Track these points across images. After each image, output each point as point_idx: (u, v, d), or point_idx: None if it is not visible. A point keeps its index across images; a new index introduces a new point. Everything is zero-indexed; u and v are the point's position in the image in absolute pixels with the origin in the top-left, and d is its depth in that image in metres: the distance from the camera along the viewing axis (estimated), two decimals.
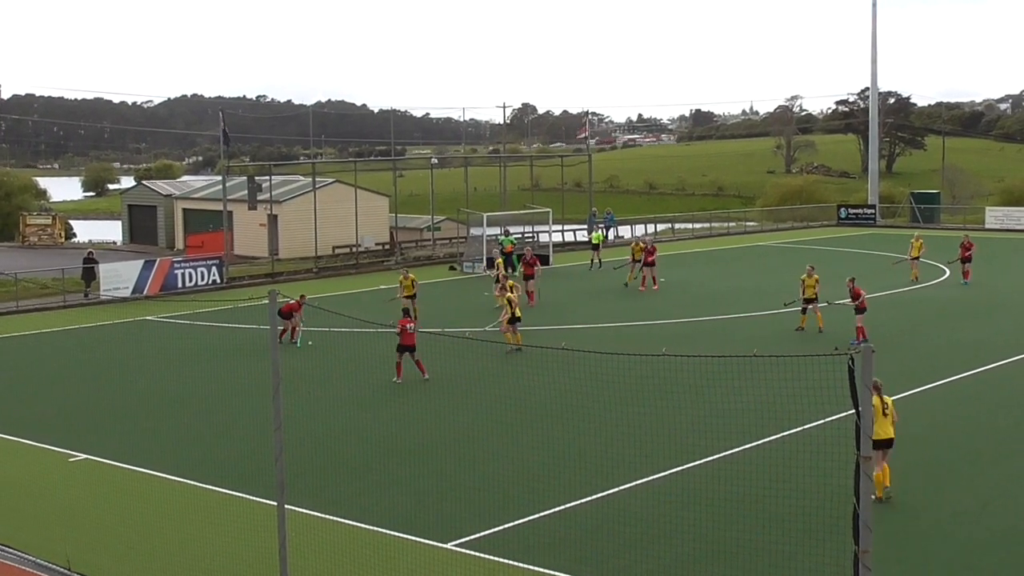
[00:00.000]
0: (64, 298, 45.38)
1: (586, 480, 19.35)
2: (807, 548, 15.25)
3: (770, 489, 17.77)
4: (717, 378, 22.02)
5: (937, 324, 36.09)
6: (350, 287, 48.58)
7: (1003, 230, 73.08)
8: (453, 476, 20.11)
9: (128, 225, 78.41)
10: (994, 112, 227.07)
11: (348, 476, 20.21)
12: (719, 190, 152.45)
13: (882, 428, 17.77)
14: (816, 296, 34.16)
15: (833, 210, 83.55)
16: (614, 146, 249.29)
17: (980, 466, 20.60)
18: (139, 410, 26.26)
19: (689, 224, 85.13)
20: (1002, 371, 28.53)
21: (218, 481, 20.10)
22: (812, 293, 34.22)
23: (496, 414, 24.18)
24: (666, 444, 20.22)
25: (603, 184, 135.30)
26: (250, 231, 62.46)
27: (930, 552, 16.24)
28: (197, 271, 48.62)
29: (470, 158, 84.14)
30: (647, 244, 46.69)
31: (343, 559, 15.89)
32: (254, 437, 22.03)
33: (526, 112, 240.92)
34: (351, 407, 25.56)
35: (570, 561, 15.76)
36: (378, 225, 63.39)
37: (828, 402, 16.78)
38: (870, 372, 9.87)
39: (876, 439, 16.52)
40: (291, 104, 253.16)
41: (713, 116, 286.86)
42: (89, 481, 20.77)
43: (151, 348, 34.57)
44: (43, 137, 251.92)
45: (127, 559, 16.56)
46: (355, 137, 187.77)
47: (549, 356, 25.52)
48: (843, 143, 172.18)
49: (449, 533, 16.98)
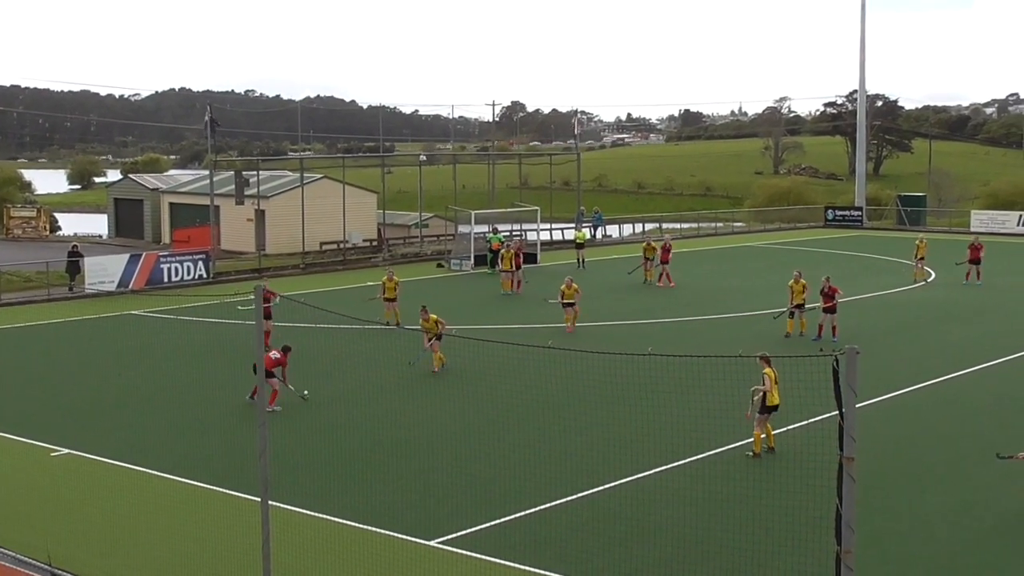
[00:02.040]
0: (48, 291, 45.19)
1: (570, 479, 19.37)
2: (789, 548, 15.28)
3: (753, 489, 17.84)
4: (702, 378, 22.02)
5: (923, 326, 36.20)
6: (337, 283, 48.49)
7: (988, 233, 73.20)
8: (438, 474, 20.10)
9: (114, 219, 78.06)
10: (980, 116, 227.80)
11: (333, 473, 20.16)
12: (707, 190, 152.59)
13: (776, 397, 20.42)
14: (804, 302, 33.96)
15: (820, 212, 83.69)
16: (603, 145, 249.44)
17: (964, 467, 20.67)
18: (123, 405, 26.19)
19: (677, 224, 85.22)
20: (987, 373, 28.64)
21: (202, 477, 20.05)
22: (800, 299, 34.09)
23: (480, 412, 24.20)
24: (650, 443, 20.23)
25: (592, 183, 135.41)
26: (237, 226, 62.27)
27: (913, 553, 16.29)
28: (183, 266, 48.49)
29: (459, 155, 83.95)
30: (665, 242, 47.71)
31: (327, 556, 15.87)
32: (238, 433, 21.98)
33: (515, 110, 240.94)
34: (336, 404, 25.53)
35: (554, 560, 15.77)
36: (366, 222, 63.31)
37: (812, 403, 16.86)
38: (855, 373, 9.89)
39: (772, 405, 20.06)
40: (280, 99, 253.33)
41: (702, 116, 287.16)
42: (71, 476, 20.69)
43: (136, 342, 34.44)
44: (28, 129, 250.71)
45: (109, 554, 16.51)
46: (344, 133, 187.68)
47: (534, 355, 25.50)
48: (831, 145, 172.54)
49: (433, 530, 16.97)
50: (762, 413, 20.46)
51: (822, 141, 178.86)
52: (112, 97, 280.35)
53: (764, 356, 20.52)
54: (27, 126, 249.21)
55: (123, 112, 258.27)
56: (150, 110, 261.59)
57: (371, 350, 27.84)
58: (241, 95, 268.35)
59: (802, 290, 33.88)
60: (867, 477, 17.26)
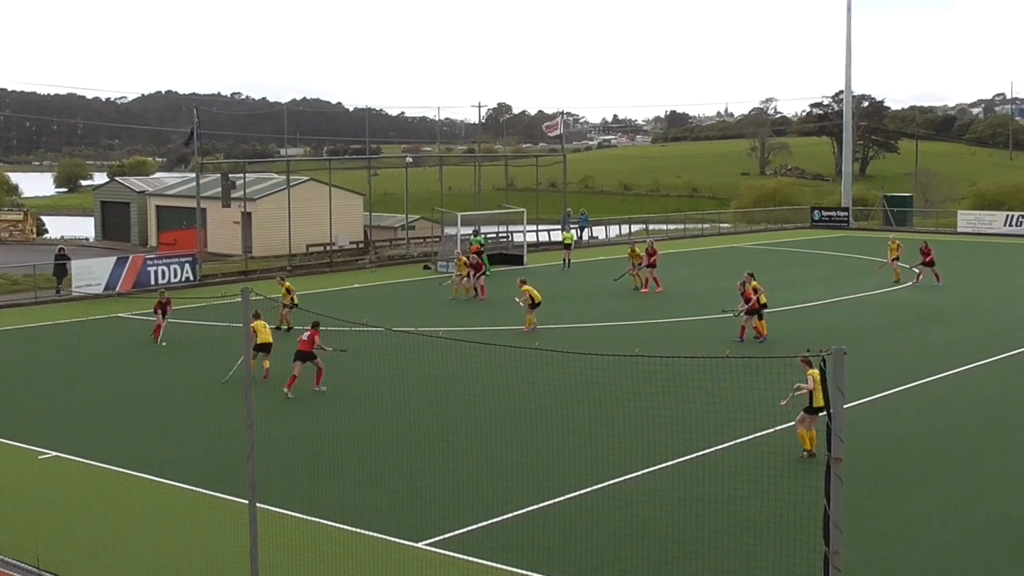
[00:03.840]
0: (35, 294, 45.05)
1: (558, 480, 19.38)
2: (778, 549, 15.32)
3: (741, 490, 17.86)
4: (690, 379, 22.04)
5: (908, 327, 36.26)
6: (324, 286, 48.45)
7: (974, 233, 73.59)
8: (425, 476, 20.11)
9: (100, 222, 77.82)
10: (966, 116, 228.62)
11: (320, 475, 20.15)
12: (694, 191, 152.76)
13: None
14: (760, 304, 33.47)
15: (807, 212, 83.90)
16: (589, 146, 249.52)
17: (950, 469, 20.74)
18: (110, 407, 26.13)
19: (663, 225, 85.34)
20: (972, 374, 28.75)
21: (189, 479, 20.02)
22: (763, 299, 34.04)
23: (468, 414, 24.19)
24: (638, 445, 20.27)
25: (578, 184, 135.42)
26: (224, 229, 62.19)
27: (900, 554, 16.34)
28: (170, 268, 48.41)
29: (445, 157, 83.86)
30: (648, 244, 45.98)
31: (315, 558, 15.85)
32: (225, 435, 21.94)
33: (501, 112, 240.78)
34: (323, 406, 25.51)
35: (542, 561, 15.78)
36: (352, 224, 63.27)
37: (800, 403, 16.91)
38: (842, 375, 9.91)
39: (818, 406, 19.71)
40: (266, 101, 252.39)
41: (688, 117, 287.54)
42: (59, 479, 20.65)
43: (123, 345, 34.37)
44: (15, 132, 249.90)
45: (97, 557, 16.47)
46: (330, 135, 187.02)
47: (521, 356, 25.50)
48: (817, 146, 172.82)
49: (421, 532, 16.97)
50: (809, 413, 20.54)
51: (808, 142, 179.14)
52: (99, 100, 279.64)
53: (805, 358, 20.40)
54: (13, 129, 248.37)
55: (110, 115, 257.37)
56: (137, 113, 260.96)
57: (358, 351, 27.80)
58: (227, 97, 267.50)
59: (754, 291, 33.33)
60: (854, 478, 17.36)
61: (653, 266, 44.82)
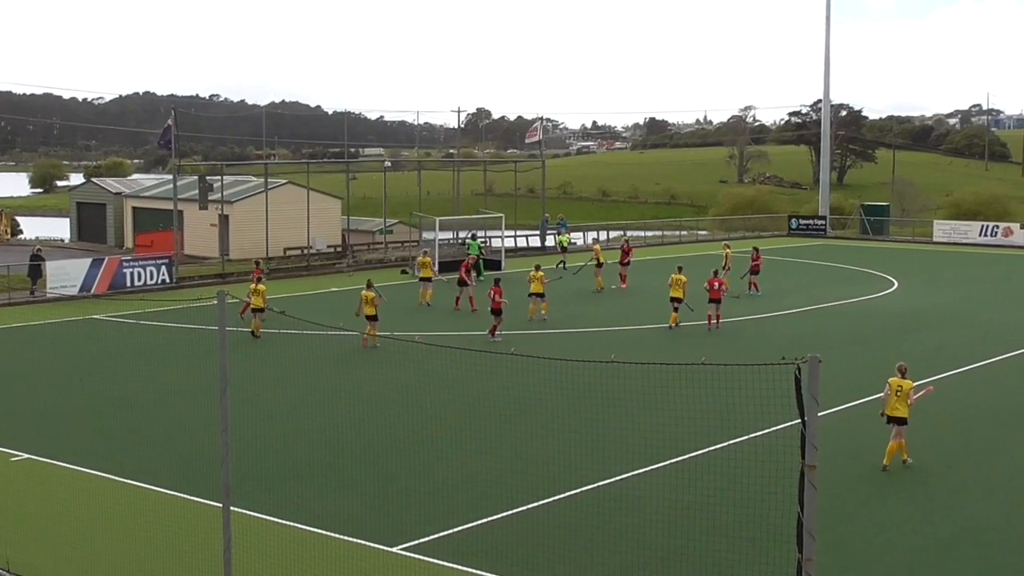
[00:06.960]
0: (9, 295, 44.77)
1: (534, 486, 19.37)
2: (752, 556, 15.36)
3: (716, 497, 17.89)
4: (665, 385, 22.06)
5: (883, 335, 36.40)
6: (301, 289, 48.33)
7: (950, 243, 74.04)
8: (401, 480, 20.07)
9: (76, 223, 77.49)
10: (943, 127, 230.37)
11: (295, 479, 20.09)
12: (672, 198, 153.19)
13: (895, 407, 20.86)
14: (683, 296, 36.35)
15: (784, 220, 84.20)
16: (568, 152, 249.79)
17: (923, 476, 20.82)
18: (84, 410, 25.98)
19: (641, 232, 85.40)
20: (947, 383, 28.83)
21: (163, 482, 19.92)
22: (679, 292, 36.41)
23: (444, 419, 24.17)
24: (613, 451, 20.29)
25: (556, 190, 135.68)
26: (201, 231, 61.98)
27: (873, 560, 16.40)
28: (146, 270, 48.17)
29: (424, 162, 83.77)
30: (622, 244, 49.21)
31: (289, 562, 15.79)
32: (200, 438, 21.82)
33: (480, 117, 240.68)
34: (298, 410, 25.43)
35: (517, 566, 15.77)
36: (330, 227, 63.15)
37: (775, 411, 16.94)
38: (816, 382, 9.95)
39: (891, 415, 20.83)
40: (244, 104, 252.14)
41: (667, 125, 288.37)
42: (31, 481, 20.52)
43: (98, 347, 34.19)
44: None
45: (68, 560, 16.37)
46: (309, 138, 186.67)
47: (498, 361, 25.48)
48: (795, 154, 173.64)
49: (396, 537, 16.93)
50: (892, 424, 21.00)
51: (787, 150, 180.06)
52: (76, 100, 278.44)
53: (900, 367, 21.61)
54: None
55: (87, 116, 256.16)
56: (114, 114, 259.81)
57: (334, 356, 27.77)
58: (206, 99, 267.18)
59: (682, 285, 36.56)
60: (829, 485, 17.39)
61: (626, 264, 47.65)
